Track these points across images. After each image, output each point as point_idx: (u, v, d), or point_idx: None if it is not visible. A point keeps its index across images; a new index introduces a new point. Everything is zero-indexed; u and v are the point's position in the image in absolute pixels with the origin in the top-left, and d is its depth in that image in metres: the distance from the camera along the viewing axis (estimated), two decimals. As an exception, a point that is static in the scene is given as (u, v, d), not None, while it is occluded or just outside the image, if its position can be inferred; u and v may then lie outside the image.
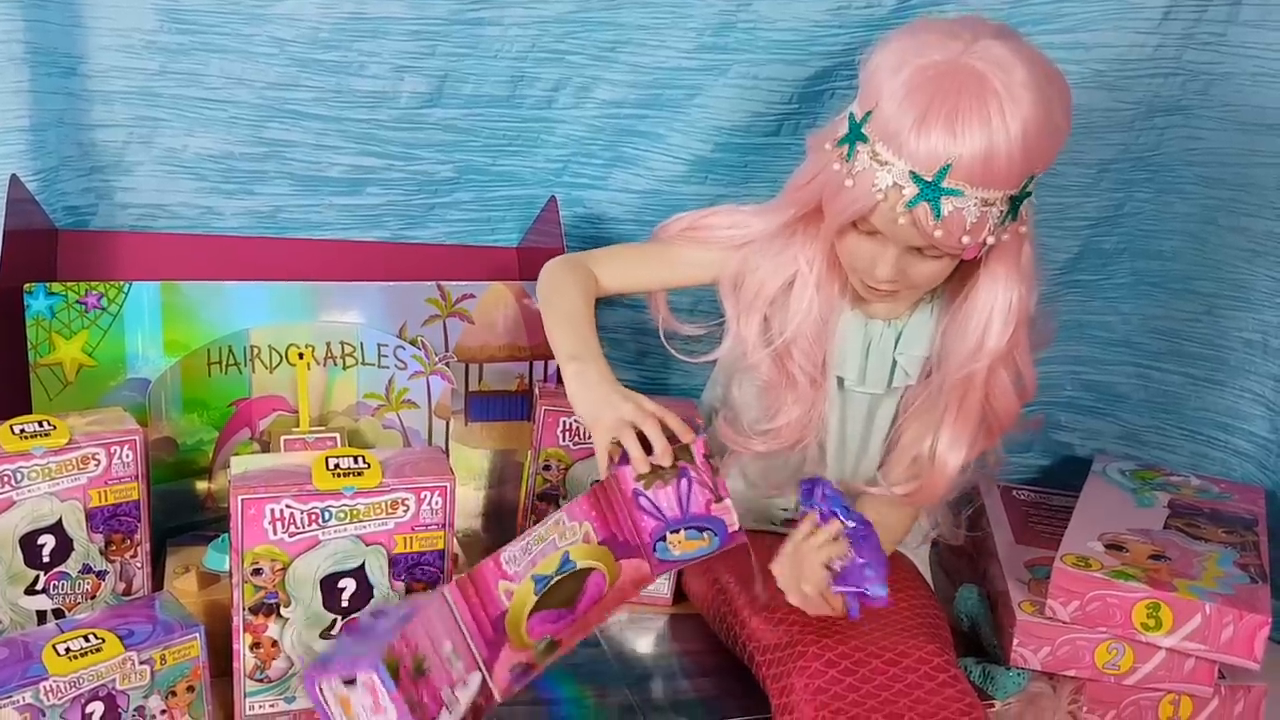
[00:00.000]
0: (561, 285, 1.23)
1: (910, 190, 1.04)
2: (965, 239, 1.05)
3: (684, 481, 1.09)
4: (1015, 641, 1.29)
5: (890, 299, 1.18)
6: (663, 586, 1.34)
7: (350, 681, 0.94)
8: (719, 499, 1.10)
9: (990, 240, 1.07)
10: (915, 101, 1.02)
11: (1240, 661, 1.24)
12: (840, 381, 1.24)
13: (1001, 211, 1.06)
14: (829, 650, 1.10)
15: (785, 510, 1.34)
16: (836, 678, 1.08)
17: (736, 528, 1.10)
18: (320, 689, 0.96)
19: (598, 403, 1.11)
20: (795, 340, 1.19)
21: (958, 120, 1.01)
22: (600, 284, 1.26)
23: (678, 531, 1.10)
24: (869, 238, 1.11)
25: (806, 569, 1.10)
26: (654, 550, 1.10)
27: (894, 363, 1.23)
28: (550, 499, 1.34)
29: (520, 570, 1.05)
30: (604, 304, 1.53)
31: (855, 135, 1.07)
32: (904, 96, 1.03)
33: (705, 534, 1.11)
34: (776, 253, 1.19)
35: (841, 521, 1.11)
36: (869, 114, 1.06)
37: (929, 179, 1.02)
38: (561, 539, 1.08)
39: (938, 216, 1.04)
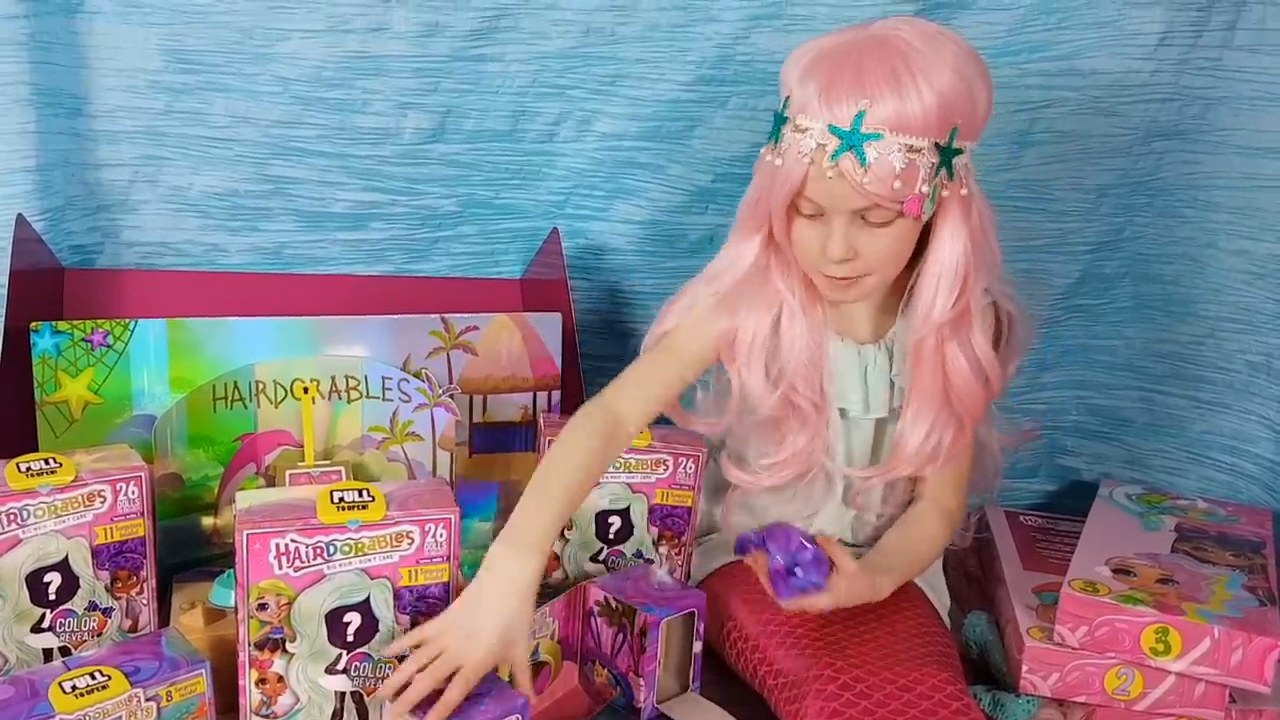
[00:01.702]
0: (570, 461, 1.16)
1: (833, 143, 1.07)
2: (897, 184, 1.07)
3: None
4: (1024, 668, 1.28)
5: (855, 289, 1.16)
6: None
7: None
8: None
9: (925, 190, 1.08)
10: (824, 67, 1.07)
11: (1251, 685, 1.23)
12: (843, 412, 1.24)
13: (932, 163, 1.07)
14: (843, 674, 1.10)
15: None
16: (851, 700, 1.08)
17: None
18: None
19: (504, 617, 1.05)
20: (795, 370, 1.19)
21: (864, 71, 1.06)
22: (639, 424, 1.21)
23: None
24: (812, 222, 1.13)
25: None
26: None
27: (891, 384, 1.23)
28: (556, 530, 1.34)
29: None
30: (611, 337, 1.54)
31: (779, 122, 1.11)
32: (813, 70, 1.08)
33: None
34: (757, 293, 1.19)
35: (765, 551, 1.15)
36: (787, 100, 1.10)
37: (847, 128, 1.06)
38: (540, 629, 1.12)
39: (863, 163, 1.06)
